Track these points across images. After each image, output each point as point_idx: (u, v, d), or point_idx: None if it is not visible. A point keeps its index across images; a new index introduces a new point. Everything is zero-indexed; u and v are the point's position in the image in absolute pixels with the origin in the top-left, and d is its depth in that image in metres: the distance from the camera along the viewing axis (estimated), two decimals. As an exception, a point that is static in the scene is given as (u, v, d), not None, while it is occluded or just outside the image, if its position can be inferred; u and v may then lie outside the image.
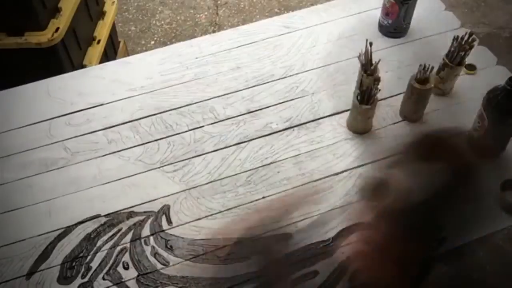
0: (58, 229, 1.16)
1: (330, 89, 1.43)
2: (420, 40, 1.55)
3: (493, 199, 1.18)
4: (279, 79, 1.46)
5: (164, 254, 1.12)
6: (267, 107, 1.39)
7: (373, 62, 1.29)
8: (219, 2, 3.03)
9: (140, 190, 1.23)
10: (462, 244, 0.96)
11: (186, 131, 1.35)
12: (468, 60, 1.35)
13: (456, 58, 1.32)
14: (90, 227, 1.17)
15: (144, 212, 1.19)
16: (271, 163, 1.27)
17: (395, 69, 1.47)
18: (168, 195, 1.22)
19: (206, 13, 2.96)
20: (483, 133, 1.21)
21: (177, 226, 1.16)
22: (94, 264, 1.11)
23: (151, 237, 1.15)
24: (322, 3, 1.70)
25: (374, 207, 0.86)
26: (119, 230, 1.16)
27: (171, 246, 1.13)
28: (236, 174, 1.25)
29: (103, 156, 1.30)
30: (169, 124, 1.36)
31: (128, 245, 1.14)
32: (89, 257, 1.12)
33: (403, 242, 0.78)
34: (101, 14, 2.25)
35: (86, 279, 1.09)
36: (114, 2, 2.32)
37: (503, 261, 1.83)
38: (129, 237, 1.15)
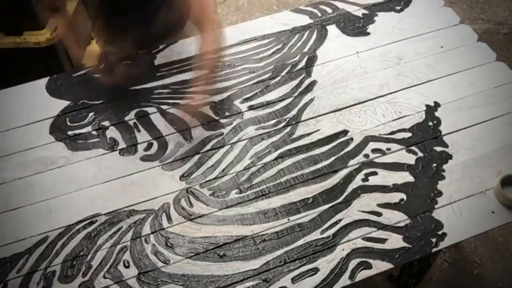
0: (59, 228, 1.17)
1: (330, 86, 1.43)
2: (419, 36, 1.55)
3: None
4: (278, 76, 1.46)
5: (165, 252, 1.12)
6: (267, 104, 1.39)
7: None
8: (217, 0, 3.02)
9: (140, 189, 1.23)
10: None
11: (185, 129, 1.35)
12: (466, 56, 1.35)
13: None
14: (90, 225, 1.17)
15: (144, 210, 1.19)
16: (271, 160, 1.27)
17: (394, 66, 1.47)
18: (168, 193, 1.22)
19: (205, 11, 2.95)
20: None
21: (178, 224, 1.17)
22: (95, 263, 1.11)
23: (152, 235, 1.15)
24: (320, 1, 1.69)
25: None
26: (120, 228, 1.16)
27: (171, 244, 1.13)
28: (236, 172, 1.26)
29: (103, 155, 1.30)
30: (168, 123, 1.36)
31: (128, 243, 1.14)
32: (89, 256, 1.12)
33: None
34: (100, 13, 2.24)
35: (87, 278, 1.09)
36: (112, 0, 2.31)
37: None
38: (129, 235, 1.15)
